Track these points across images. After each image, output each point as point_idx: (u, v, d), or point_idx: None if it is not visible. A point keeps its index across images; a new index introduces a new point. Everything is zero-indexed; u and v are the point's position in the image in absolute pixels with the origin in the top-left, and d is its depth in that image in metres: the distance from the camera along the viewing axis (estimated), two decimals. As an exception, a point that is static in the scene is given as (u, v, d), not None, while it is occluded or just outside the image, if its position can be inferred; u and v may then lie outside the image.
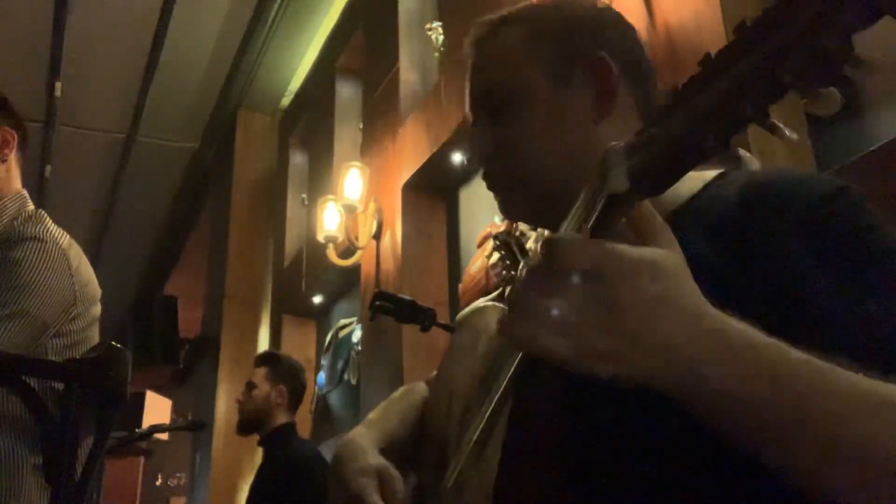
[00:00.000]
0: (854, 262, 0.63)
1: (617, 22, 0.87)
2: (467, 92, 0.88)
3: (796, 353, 0.52)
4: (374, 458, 0.85)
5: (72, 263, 1.56)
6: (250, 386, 3.05)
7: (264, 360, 3.17)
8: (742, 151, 0.47)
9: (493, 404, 0.70)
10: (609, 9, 0.90)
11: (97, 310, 1.65)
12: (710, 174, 0.77)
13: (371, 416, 0.97)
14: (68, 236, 1.61)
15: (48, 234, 1.55)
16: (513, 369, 0.67)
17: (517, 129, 0.82)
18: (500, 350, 0.76)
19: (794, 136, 0.46)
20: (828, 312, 0.62)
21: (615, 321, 0.48)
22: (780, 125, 0.45)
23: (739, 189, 0.70)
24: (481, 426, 0.70)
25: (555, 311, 0.48)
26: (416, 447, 0.94)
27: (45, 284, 1.49)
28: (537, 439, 0.64)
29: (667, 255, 0.51)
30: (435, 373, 1.02)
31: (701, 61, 0.49)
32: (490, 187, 0.86)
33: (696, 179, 0.76)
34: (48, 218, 1.61)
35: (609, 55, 0.80)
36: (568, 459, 0.63)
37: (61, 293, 1.52)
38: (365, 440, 0.89)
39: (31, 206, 1.66)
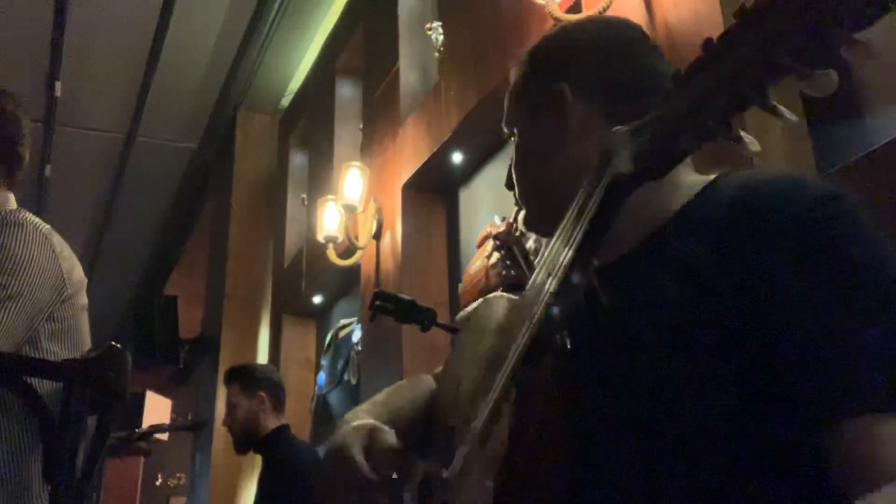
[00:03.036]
0: (832, 271, 0.63)
1: (596, 45, 0.88)
2: None
3: None
4: (368, 420, 0.88)
5: (55, 246, 1.57)
6: (230, 406, 3.01)
7: (233, 376, 3.10)
8: (744, 133, 0.47)
9: (497, 393, 0.71)
10: (596, 30, 0.91)
11: (84, 299, 1.65)
12: (708, 178, 0.78)
13: (378, 396, 0.99)
14: (49, 226, 1.61)
15: (26, 220, 1.55)
16: (516, 360, 0.68)
17: (516, 158, 0.93)
18: (504, 341, 0.77)
19: (794, 118, 0.46)
20: (798, 320, 0.62)
21: None
22: (780, 106, 0.45)
23: (730, 194, 0.71)
24: (486, 414, 0.71)
25: None
26: (423, 435, 0.96)
27: (32, 266, 1.49)
28: (541, 426, 0.64)
29: None
30: (441, 367, 1.03)
31: (703, 45, 0.49)
32: (516, 202, 0.96)
33: (693, 186, 0.77)
34: (27, 212, 1.61)
35: (572, 83, 0.85)
36: (571, 445, 0.64)
37: (50, 273, 1.52)
38: (364, 411, 0.94)
39: (12, 206, 1.65)
